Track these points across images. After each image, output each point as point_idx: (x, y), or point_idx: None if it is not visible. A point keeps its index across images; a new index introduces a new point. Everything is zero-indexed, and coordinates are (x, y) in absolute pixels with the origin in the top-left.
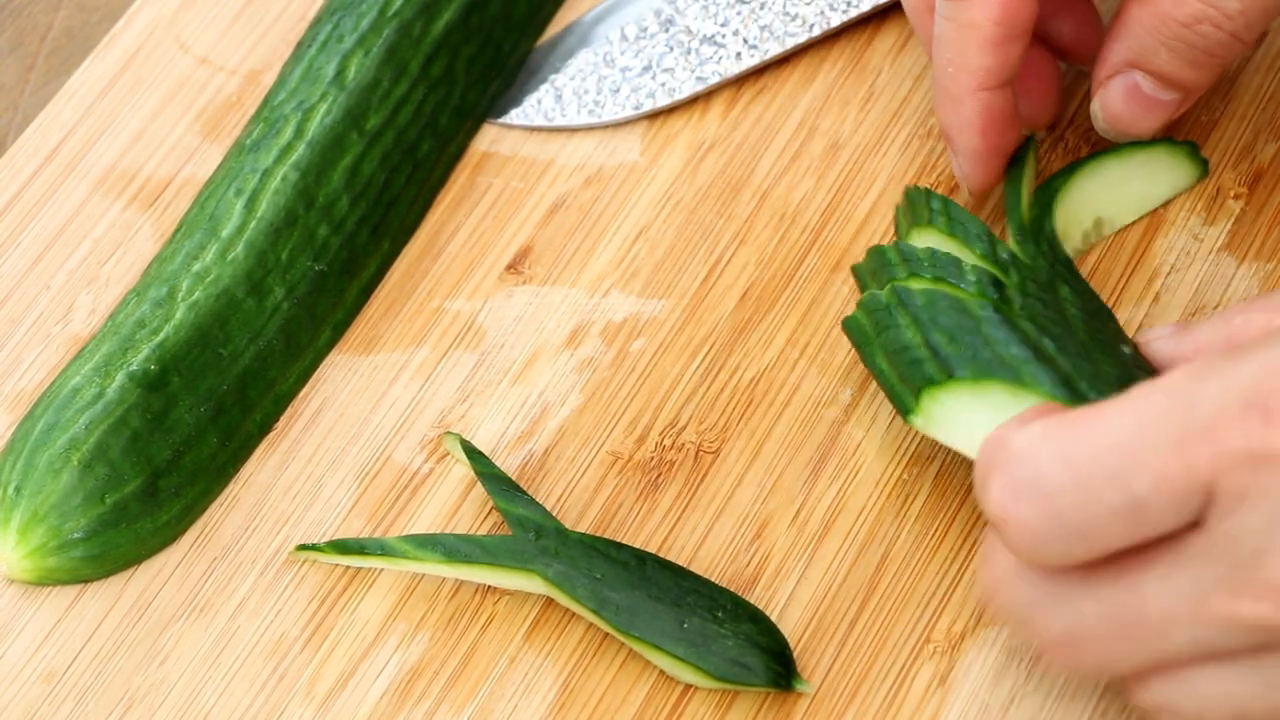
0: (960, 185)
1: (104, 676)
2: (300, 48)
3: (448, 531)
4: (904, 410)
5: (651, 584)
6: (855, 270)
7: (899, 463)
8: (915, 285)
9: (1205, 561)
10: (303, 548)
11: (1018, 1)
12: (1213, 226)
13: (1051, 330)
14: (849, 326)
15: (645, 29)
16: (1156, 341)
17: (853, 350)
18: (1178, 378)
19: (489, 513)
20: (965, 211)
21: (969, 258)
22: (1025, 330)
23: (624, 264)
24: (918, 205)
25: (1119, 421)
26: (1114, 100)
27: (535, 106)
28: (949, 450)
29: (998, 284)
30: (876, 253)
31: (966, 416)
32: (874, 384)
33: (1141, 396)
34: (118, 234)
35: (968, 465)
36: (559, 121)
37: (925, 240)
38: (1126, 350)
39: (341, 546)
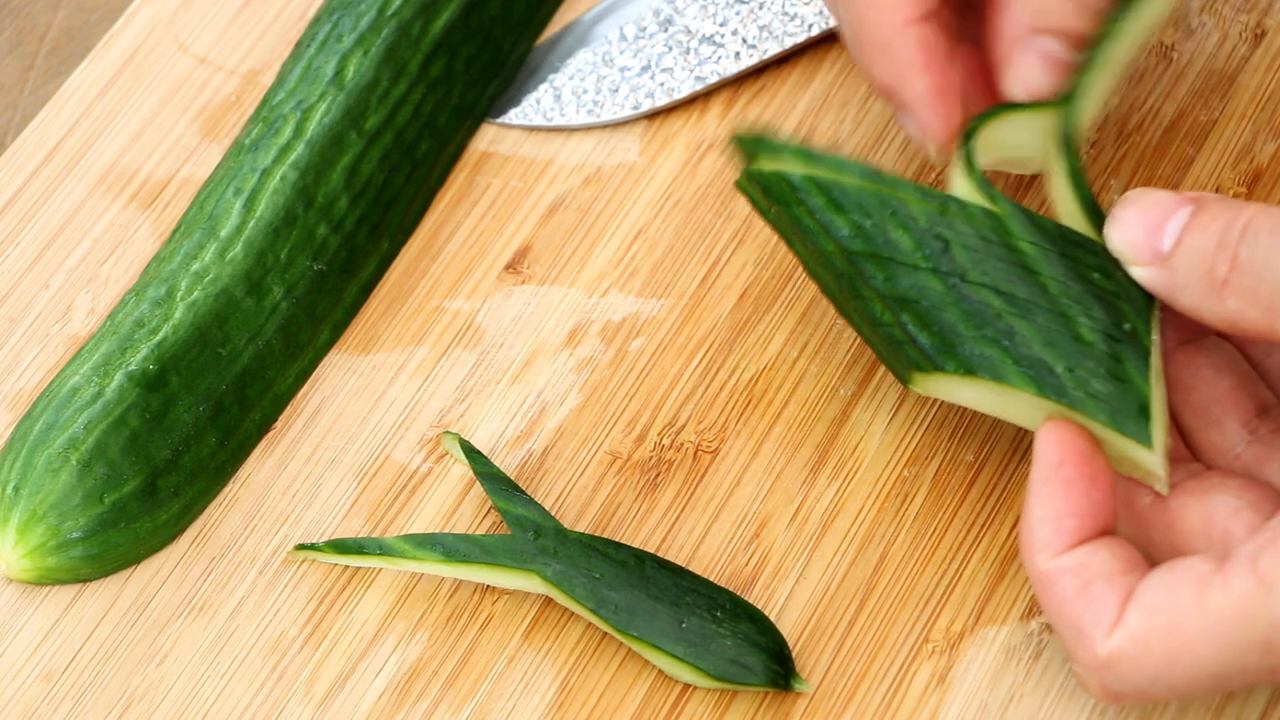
0: (923, 148)
1: (103, 676)
2: (299, 47)
3: (446, 531)
4: (900, 379)
5: (650, 583)
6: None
7: (898, 462)
8: (860, 250)
9: None
10: (301, 547)
11: None
12: None
13: (1018, 297)
14: (812, 272)
15: (644, 29)
16: (1136, 270)
17: (852, 349)
18: (1249, 590)
19: (488, 512)
20: (844, 158)
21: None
22: (992, 307)
23: (623, 264)
24: (773, 150)
25: (1206, 652)
26: (1032, 72)
27: (534, 106)
28: (948, 450)
29: (941, 240)
30: (780, 179)
31: (962, 393)
32: (873, 384)
33: (1218, 614)
34: (117, 233)
35: (966, 465)
36: (558, 121)
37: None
38: (1096, 276)
39: (340, 546)
